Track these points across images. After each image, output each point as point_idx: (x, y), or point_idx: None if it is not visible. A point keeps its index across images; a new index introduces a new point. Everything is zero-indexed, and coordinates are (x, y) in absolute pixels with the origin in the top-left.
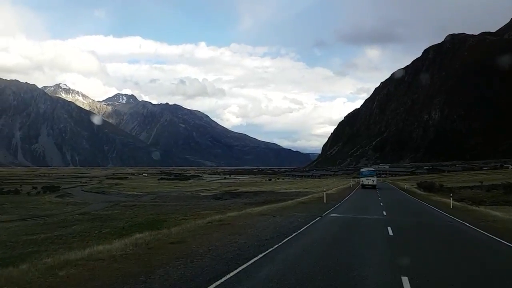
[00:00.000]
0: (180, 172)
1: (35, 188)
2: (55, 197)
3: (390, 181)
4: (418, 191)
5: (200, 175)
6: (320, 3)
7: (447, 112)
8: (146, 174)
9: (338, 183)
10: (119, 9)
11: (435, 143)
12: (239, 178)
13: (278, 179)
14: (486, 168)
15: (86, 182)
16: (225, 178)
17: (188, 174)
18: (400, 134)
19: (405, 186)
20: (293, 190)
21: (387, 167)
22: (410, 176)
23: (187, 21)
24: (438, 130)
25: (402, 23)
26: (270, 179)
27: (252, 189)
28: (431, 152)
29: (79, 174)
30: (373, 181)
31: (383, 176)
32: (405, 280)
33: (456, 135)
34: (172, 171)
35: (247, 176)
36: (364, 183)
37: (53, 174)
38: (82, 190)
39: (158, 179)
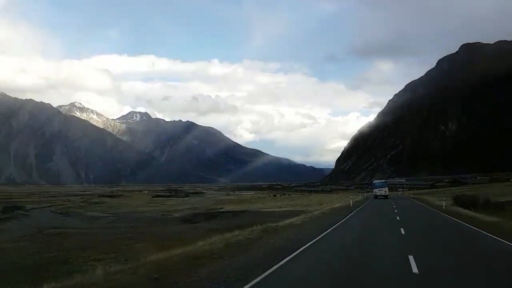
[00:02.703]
0: (185, 189)
1: None
2: None
3: (411, 195)
4: (471, 213)
5: (204, 191)
6: (331, 18)
7: (465, 122)
8: (146, 192)
9: (341, 199)
10: (133, 29)
11: (454, 154)
12: (238, 194)
13: (283, 194)
14: None
15: (69, 201)
16: (227, 194)
17: (190, 191)
18: (416, 146)
19: (443, 205)
20: (288, 209)
21: (404, 180)
22: (432, 190)
23: (200, 39)
24: (456, 141)
25: (414, 35)
26: (274, 195)
27: (240, 207)
28: (449, 164)
29: (75, 192)
30: (385, 191)
31: (400, 190)
32: None
33: (475, 146)
34: (179, 189)
35: (252, 192)
36: (377, 194)
37: (46, 193)
38: (51, 211)
39: (152, 197)
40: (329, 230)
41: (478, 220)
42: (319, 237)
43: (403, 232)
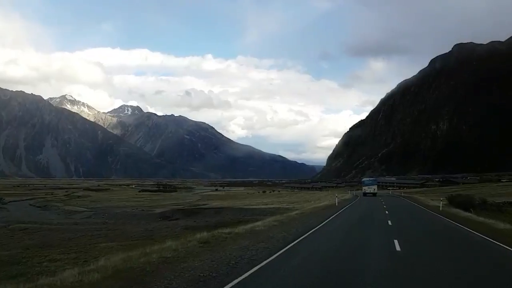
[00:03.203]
0: (174, 184)
1: None
2: None
3: (402, 194)
4: (475, 217)
5: (193, 186)
6: (325, 16)
7: (456, 122)
8: (134, 186)
9: (330, 197)
10: (126, 22)
11: (444, 154)
12: (227, 190)
13: (273, 191)
14: (505, 180)
15: (52, 194)
16: (216, 190)
17: (179, 186)
18: (407, 145)
19: (440, 206)
20: (274, 206)
21: (394, 179)
22: (422, 189)
23: (194, 33)
24: (447, 141)
25: (407, 34)
26: (264, 192)
27: (225, 204)
28: (440, 163)
29: (61, 185)
30: (374, 189)
31: (390, 188)
32: None
33: (466, 146)
34: (168, 183)
35: (242, 188)
36: (366, 191)
37: (32, 186)
38: (29, 204)
39: (139, 191)
40: (295, 242)
41: (489, 227)
42: (275, 255)
43: (397, 247)
